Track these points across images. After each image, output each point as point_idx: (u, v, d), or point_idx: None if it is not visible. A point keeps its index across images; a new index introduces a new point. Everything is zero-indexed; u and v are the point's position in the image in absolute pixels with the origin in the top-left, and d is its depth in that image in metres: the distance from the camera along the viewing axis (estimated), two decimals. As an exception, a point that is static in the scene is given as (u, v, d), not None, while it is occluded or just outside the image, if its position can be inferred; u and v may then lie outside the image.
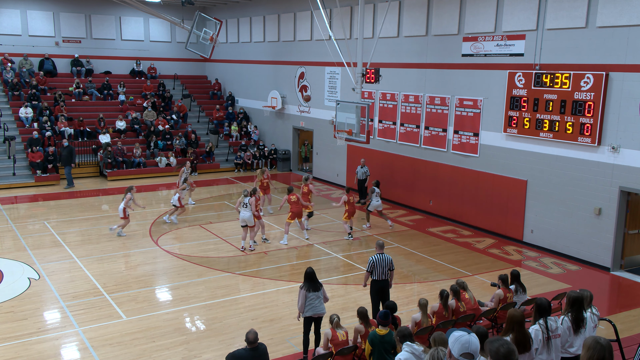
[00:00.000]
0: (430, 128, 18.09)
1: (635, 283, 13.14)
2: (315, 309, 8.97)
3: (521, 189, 15.49)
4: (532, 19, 14.74)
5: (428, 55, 18.06)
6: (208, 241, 15.43)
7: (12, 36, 26.78)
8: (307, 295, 8.87)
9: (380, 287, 9.92)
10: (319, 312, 9.00)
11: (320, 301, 8.97)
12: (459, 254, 14.77)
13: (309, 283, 8.93)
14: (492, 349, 4.49)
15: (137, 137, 25.45)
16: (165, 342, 9.66)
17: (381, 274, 9.85)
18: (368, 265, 9.93)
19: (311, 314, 8.99)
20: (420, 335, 8.49)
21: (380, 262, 9.82)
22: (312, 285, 8.92)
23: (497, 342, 4.53)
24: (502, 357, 4.45)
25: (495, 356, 4.48)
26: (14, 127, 24.03)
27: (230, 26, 28.68)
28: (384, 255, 9.90)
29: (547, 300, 6.58)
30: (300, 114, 24.57)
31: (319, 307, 8.99)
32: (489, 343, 4.58)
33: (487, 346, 4.56)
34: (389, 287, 10.07)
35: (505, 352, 4.46)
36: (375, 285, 9.96)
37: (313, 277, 8.99)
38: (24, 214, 18.25)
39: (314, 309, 8.96)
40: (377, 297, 9.96)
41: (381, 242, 10.22)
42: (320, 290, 8.98)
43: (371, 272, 9.90)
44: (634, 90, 12.85)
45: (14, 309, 10.87)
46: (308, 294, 8.87)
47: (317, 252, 14.67)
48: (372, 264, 9.85)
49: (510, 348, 4.49)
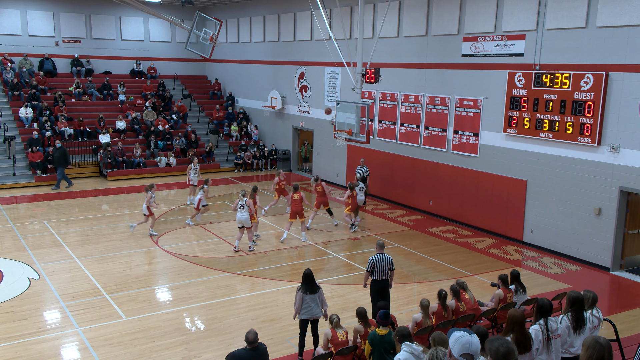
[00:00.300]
0: (430, 128, 18.10)
1: (635, 283, 13.15)
2: (312, 311, 8.84)
3: (521, 189, 15.49)
4: (532, 19, 14.74)
5: (428, 55, 18.06)
6: (208, 241, 15.43)
7: (12, 36, 26.78)
8: (303, 297, 8.76)
9: (381, 287, 9.91)
10: (315, 315, 8.89)
11: (317, 304, 8.84)
12: (459, 254, 14.77)
13: (306, 285, 8.80)
14: (492, 348, 4.50)
15: (137, 137, 25.46)
16: (165, 342, 9.66)
17: (381, 274, 9.85)
18: (368, 265, 9.92)
19: (307, 317, 8.88)
20: (421, 335, 8.50)
21: (380, 262, 9.81)
22: (309, 287, 8.80)
23: (497, 342, 4.54)
24: (502, 356, 4.46)
25: (494, 355, 4.49)
26: (14, 127, 24.03)
27: (230, 26, 28.68)
28: (384, 255, 9.90)
29: (548, 300, 6.58)
30: (300, 114, 24.57)
31: (316, 310, 8.86)
32: (489, 342, 4.60)
33: (487, 345, 4.58)
34: (389, 287, 10.07)
35: (505, 352, 4.47)
36: (375, 285, 9.95)
37: (311, 279, 8.86)
38: (24, 214, 18.25)
39: (310, 312, 8.84)
40: (377, 297, 9.94)
41: (381, 242, 10.21)
42: (317, 293, 8.84)
43: (371, 272, 9.90)
44: (634, 90, 12.85)
45: (14, 309, 10.87)
46: (305, 296, 8.75)
47: (317, 252, 14.67)
48: (372, 263, 9.84)
49: (510, 347, 4.49)
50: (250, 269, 13.35)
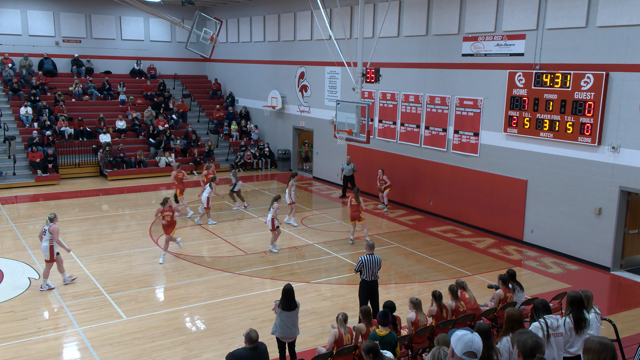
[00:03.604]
0: (431, 128, 18.09)
1: (635, 283, 13.14)
2: (287, 331, 8.26)
3: (521, 188, 15.48)
4: (532, 18, 14.74)
5: (428, 55, 18.05)
6: (208, 241, 15.43)
7: (12, 36, 26.78)
8: (280, 313, 8.24)
9: (370, 287, 9.90)
10: (290, 335, 8.33)
11: (293, 323, 8.30)
12: (459, 254, 14.76)
13: (285, 301, 8.20)
14: (520, 340, 4.55)
15: (137, 137, 25.46)
16: (165, 342, 9.66)
17: (371, 275, 9.83)
18: (357, 265, 9.88)
19: (281, 336, 8.29)
20: (420, 335, 8.49)
21: (370, 263, 9.78)
22: (286, 304, 8.20)
23: (525, 334, 4.63)
24: (529, 349, 4.52)
25: (522, 348, 4.54)
26: (14, 127, 24.03)
27: (230, 26, 28.68)
28: (374, 256, 9.86)
29: (543, 300, 6.60)
30: (300, 113, 24.57)
31: (291, 329, 8.30)
32: (517, 335, 4.68)
33: (515, 337, 4.65)
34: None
35: (533, 344, 4.53)
36: (365, 285, 9.90)
37: (291, 295, 8.23)
38: (24, 214, 18.25)
39: (284, 331, 8.26)
40: (366, 298, 9.91)
41: (371, 242, 10.21)
42: (295, 310, 8.27)
43: (360, 271, 9.84)
44: (634, 90, 12.84)
45: (14, 309, 10.87)
46: (281, 311, 8.22)
47: (317, 252, 14.67)
48: (361, 264, 9.79)
49: (539, 342, 4.57)
50: (250, 269, 13.35)
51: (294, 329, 8.40)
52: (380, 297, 10.26)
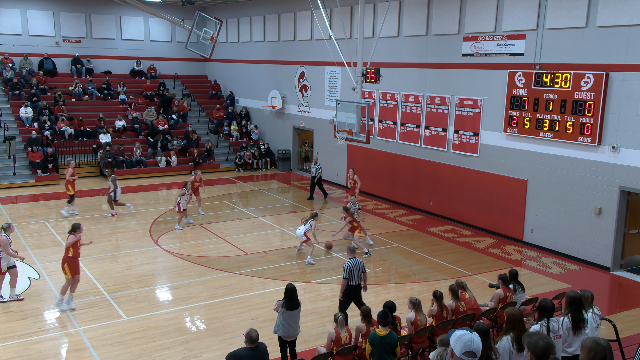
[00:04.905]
0: (431, 128, 18.09)
1: (635, 283, 13.14)
2: (289, 329, 8.38)
3: (521, 188, 15.48)
4: (532, 18, 14.74)
5: (428, 55, 18.05)
6: (208, 241, 15.43)
7: (12, 36, 26.78)
8: (282, 312, 8.32)
9: (355, 290, 9.90)
10: (292, 333, 8.45)
11: (295, 322, 8.40)
12: (459, 254, 14.76)
13: (288, 300, 8.30)
14: (531, 342, 4.58)
15: (137, 136, 25.46)
16: (165, 342, 9.66)
17: (357, 278, 9.85)
18: (345, 272, 9.73)
19: (283, 334, 8.41)
20: (420, 335, 8.49)
21: (355, 267, 9.78)
22: (289, 303, 8.30)
23: (536, 336, 4.66)
24: (540, 350, 4.54)
25: (533, 349, 4.56)
26: (14, 127, 24.03)
27: (230, 26, 28.68)
28: (356, 259, 9.88)
29: (551, 301, 6.59)
30: (300, 113, 24.57)
31: (294, 327, 8.42)
32: (527, 336, 4.71)
33: (526, 339, 4.68)
34: (364, 290, 10.05)
35: (544, 346, 4.56)
36: (349, 289, 9.84)
37: (293, 295, 8.35)
38: (24, 214, 18.24)
39: (286, 330, 8.38)
40: (348, 300, 9.89)
41: (352, 246, 10.25)
42: (297, 309, 8.38)
43: (348, 278, 9.74)
44: (634, 90, 12.84)
45: (14, 309, 10.87)
46: (284, 311, 8.31)
47: (317, 252, 14.66)
48: (349, 269, 9.71)
49: (550, 342, 4.60)
50: (251, 269, 13.35)
51: (296, 328, 8.49)
52: (381, 297, 10.28)
